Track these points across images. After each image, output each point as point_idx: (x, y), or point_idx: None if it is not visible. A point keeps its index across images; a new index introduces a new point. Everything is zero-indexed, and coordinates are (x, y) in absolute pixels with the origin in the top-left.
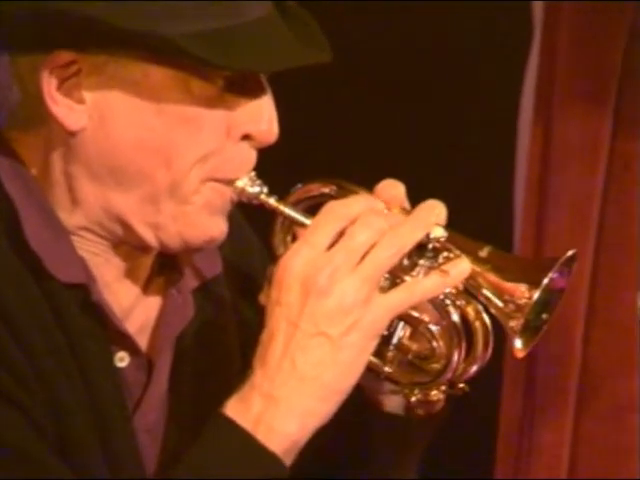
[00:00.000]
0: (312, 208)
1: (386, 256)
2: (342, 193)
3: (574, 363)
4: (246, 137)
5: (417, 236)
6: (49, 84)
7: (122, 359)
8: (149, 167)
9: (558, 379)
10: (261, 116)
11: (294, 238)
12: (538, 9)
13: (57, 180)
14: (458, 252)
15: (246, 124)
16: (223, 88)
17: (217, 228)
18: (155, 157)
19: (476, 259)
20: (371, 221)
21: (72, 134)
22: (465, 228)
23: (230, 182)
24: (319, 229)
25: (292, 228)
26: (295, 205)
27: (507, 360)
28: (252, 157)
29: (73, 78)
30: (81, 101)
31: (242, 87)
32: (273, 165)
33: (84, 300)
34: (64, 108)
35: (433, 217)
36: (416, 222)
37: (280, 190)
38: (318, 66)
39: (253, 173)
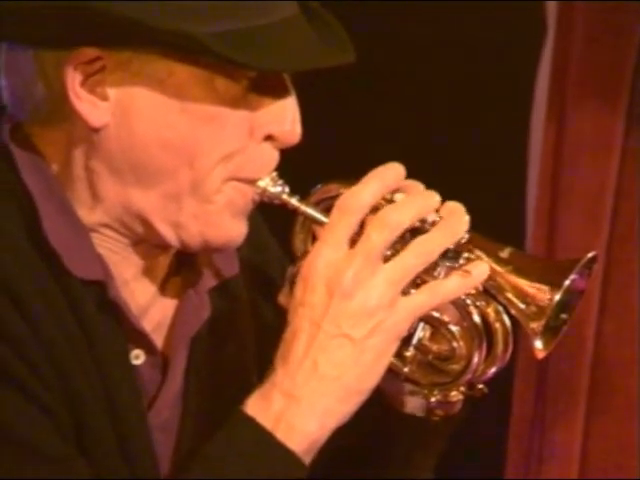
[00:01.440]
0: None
1: (414, 263)
2: None
3: (586, 360)
4: (269, 137)
5: (447, 243)
6: (73, 80)
7: (138, 357)
8: (171, 165)
9: (570, 376)
10: (284, 117)
11: (315, 238)
12: (552, 6)
13: (78, 176)
14: (479, 253)
15: (269, 124)
16: (247, 88)
17: (237, 229)
18: (178, 155)
19: (497, 260)
20: (385, 220)
21: (95, 130)
22: (478, 224)
23: (252, 182)
24: (335, 227)
25: (313, 228)
26: (316, 205)
27: (519, 358)
28: (274, 157)
29: (97, 74)
30: (105, 98)
31: (266, 87)
32: (292, 165)
33: (101, 297)
34: (88, 104)
35: (463, 225)
36: (447, 230)
37: (299, 190)
38: (335, 67)
39: (275, 173)
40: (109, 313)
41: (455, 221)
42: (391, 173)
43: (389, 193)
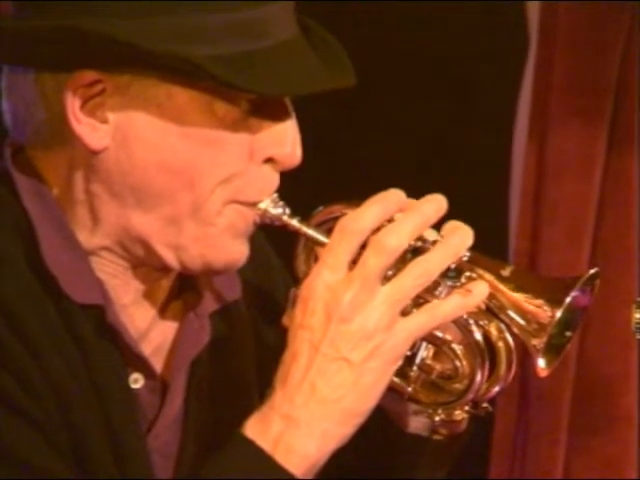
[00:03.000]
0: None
1: (412, 285)
2: None
3: (568, 376)
4: (269, 160)
5: (445, 264)
6: (73, 103)
7: (136, 381)
8: (171, 188)
9: (552, 392)
10: (285, 140)
11: (317, 259)
12: (534, 24)
13: (79, 199)
14: (481, 271)
15: (269, 147)
16: (247, 111)
17: (239, 251)
18: (178, 178)
19: (499, 278)
20: (383, 243)
21: (95, 153)
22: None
23: (253, 205)
24: (334, 250)
25: (315, 250)
26: (318, 226)
27: None
28: (275, 180)
29: (97, 97)
30: (104, 121)
31: (266, 110)
32: (294, 185)
33: (100, 321)
34: (87, 127)
35: (463, 245)
36: (445, 250)
37: (302, 211)
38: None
39: (275, 195)
40: (107, 337)
41: (454, 241)
42: (393, 198)
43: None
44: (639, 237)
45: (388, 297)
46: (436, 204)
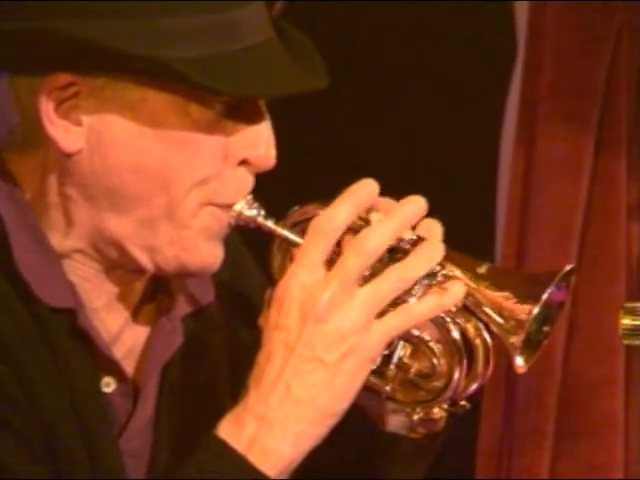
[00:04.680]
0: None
1: (390, 289)
2: None
3: (554, 379)
4: (244, 162)
5: (424, 270)
6: (47, 105)
7: (108, 384)
8: (146, 190)
9: (538, 396)
10: (259, 141)
11: (292, 260)
12: (522, 28)
13: (53, 202)
14: (457, 269)
15: (244, 149)
16: (221, 113)
17: (213, 254)
18: (152, 181)
19: (475, 276)
20: (362, 246)
21: (69, 156)
22: (448, 246)
23: (228, 207)
24: (309, 250)
25: (290, 250)
26: (293, 227)
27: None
28: (249, 182)
29: (71, 100)
30: (78, 123)
31: (240, 112)
32: (270, 185)
33: (72, 325)
34: (61, 130)
35: (440, 250)
36: (424, 256)
37: (277, 211)
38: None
39: (250, 196)
40: (79, 341)
41: (432, 246)
42: (364, 191)
43: (364, 212)
44: (626, 242)
45: (366, 300)
46: (416, 206)
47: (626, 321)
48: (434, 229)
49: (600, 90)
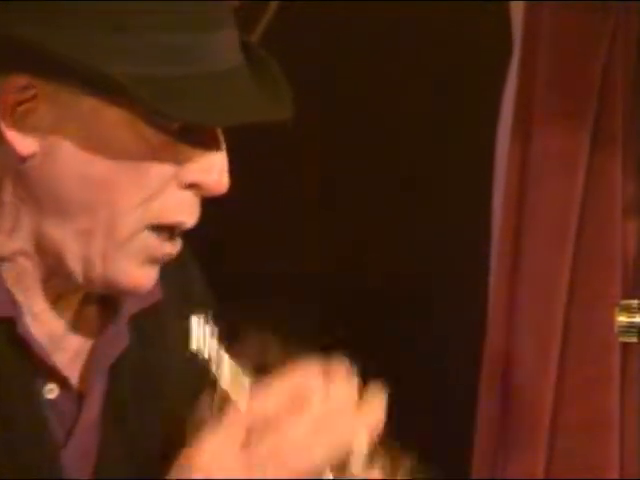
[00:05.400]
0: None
1: (320, 459)
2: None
3: (549, 381)
4: (193, 185)
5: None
6: (5, 106)
7: (52, 391)
8: (90, 202)
9: (533, 395)
10: (212, 167)
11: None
12: (518, 25)
13: (5, 201)
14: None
15: (195, 173)
16: (176, 134)
17: (145, 277)
18: (97, 194)
19: None
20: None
21: (22, 159)
22: (444, 242)
23: (170, 228)
24: (230, 426)
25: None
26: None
27: (483, 375)
28: (196, 205)
29: (29, 103)
30: (34, 127)
31: (196, 136)
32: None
33: (11, 333)
34: (16, 132)
35: (369, 430)
36: (357, 427)
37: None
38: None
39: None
40: (19, 349)
41: (366, 418)
42: (302, 385)
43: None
44: (622, 239)
45: (294, 469)
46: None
47: (622, 318)
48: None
49: (596, 88)
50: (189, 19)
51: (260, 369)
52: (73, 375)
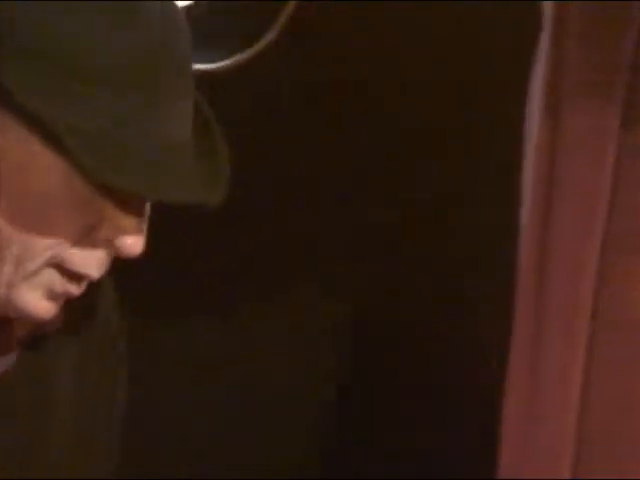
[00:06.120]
0: None
1: None
2: None
3: (577, 367)
4: (107, 242)
5: None
6: None
7: None
8: (10, 230)
9: (561, 384)
10: (130, 230)
11: None
12: (547, 6)
13: None
14: None
15: (112, 232)
16: (104, 191)
17: (44, 310)
18: (13, 227)
19: None
20: None
21: None
22: (473, 221)
23: (76, 276)
24: None
25: None
26: None
27: (511, 359)
28: (106, 261)
29: None
30: None
31: (123, 196)
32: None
33: None
34: None
35: None
36: None
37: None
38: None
39: None
40: None
41: None
42: None
43: None
44: None
45: None
46: None
47: None
48: None
49: (626, 63)
50: (147, 85)
51: None
52: None
